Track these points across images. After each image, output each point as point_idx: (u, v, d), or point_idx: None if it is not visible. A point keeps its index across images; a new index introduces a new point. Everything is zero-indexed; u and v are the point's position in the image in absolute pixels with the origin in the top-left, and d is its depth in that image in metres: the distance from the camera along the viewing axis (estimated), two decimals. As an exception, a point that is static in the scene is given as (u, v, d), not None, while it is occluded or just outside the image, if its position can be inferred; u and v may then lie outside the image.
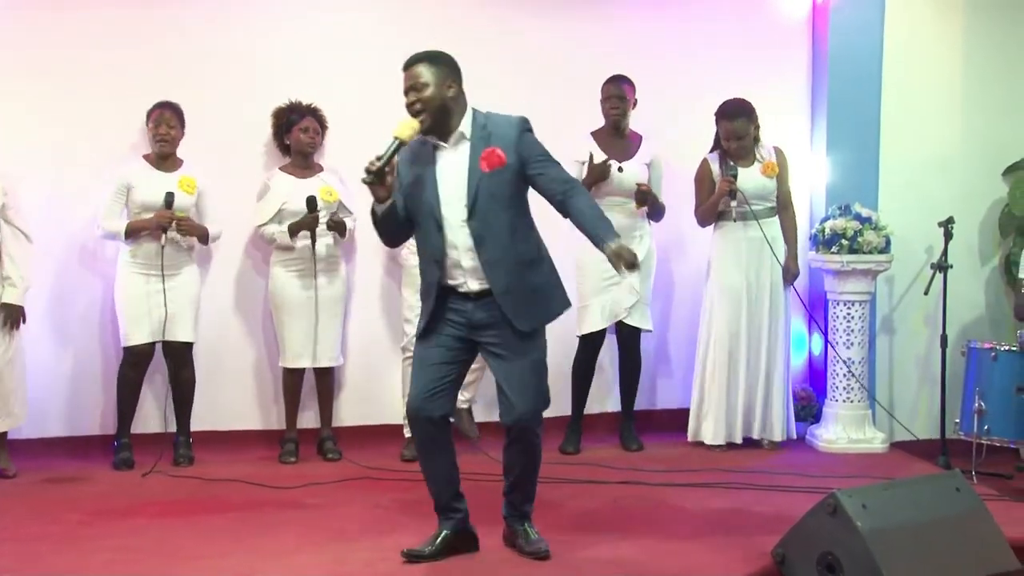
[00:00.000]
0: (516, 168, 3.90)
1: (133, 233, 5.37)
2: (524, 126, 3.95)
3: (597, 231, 3.81)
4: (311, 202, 5.47)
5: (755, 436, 5.88)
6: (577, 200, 3.90)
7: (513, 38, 6.08)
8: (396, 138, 3.80)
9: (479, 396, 5.84)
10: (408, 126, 3.84)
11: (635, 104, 5.80)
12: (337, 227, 5.64)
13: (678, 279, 6.38)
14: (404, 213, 3.97)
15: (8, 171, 5.23)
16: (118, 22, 5.67)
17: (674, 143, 6.03)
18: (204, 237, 5.52)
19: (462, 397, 5.69)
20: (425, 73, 3.86)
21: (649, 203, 5.70)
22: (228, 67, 5.80)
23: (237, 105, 5.79)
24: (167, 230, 5.34)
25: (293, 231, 5.52)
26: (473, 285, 3.92)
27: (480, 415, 5.85)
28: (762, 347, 5.82)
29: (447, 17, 5.95)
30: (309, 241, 5.51)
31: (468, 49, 5.82)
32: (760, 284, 5.81)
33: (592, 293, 5.76)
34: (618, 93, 5.74)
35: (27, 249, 5.22)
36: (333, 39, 5.91)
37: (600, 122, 5.84)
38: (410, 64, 3.90)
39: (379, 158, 3.78)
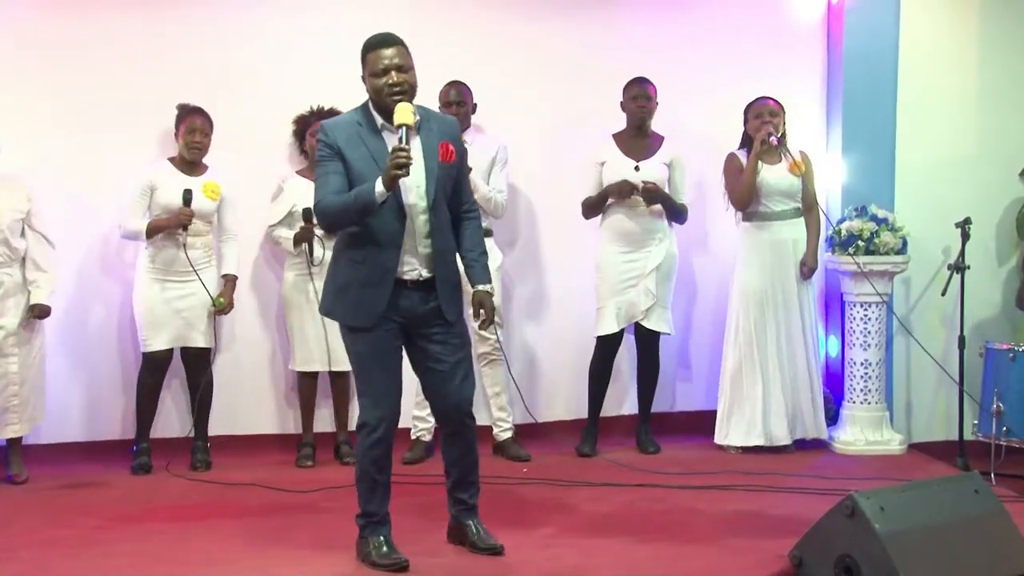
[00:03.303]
0: (456, 166, 3.97)
1: (153, 232, 5.39)
2: (459, 129, 4.06)
3: (475, 267, 4.01)
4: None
5: (797, 437, 5.82)
6: (474, 224, 4.06)
7: (529, 41, 6.07)
8: (404, 125, 3.73)
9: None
10: (408, 111, 3.76)
11: (656, 106, 5.80)
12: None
13: (703, 281, 6.36)
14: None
15: (27, 176, 5.28)
16: (139, 26, 5.69)
17: (689, 143, 6.00)
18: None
19: (507, 425, 5.76)
20: (405, 54, 3.85)
21: (660, 200, 5.67)
22: (246, 70, 5.82)
23: (254, 107, 5.81)
24: (187, 228, 5.37)
25: (297, 241, 5.54)
26: (425, 273, 3.91)
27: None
28: (795, 349, 5.78)
29: (464, 21, 6.00)
30: (307, 251, 5.51)
31: (485, 52, 5.97)
32: (786, 287, 5.78)
33: (609, 295, 5.75)
34: (644, 93, 5.73)
35: (50, 254, 5.31)
36: (351, 42, 5.88)
37: (618, 124, 5.81)
38: (393, 42, 3.83)
39: (403, 150, 3.67)
